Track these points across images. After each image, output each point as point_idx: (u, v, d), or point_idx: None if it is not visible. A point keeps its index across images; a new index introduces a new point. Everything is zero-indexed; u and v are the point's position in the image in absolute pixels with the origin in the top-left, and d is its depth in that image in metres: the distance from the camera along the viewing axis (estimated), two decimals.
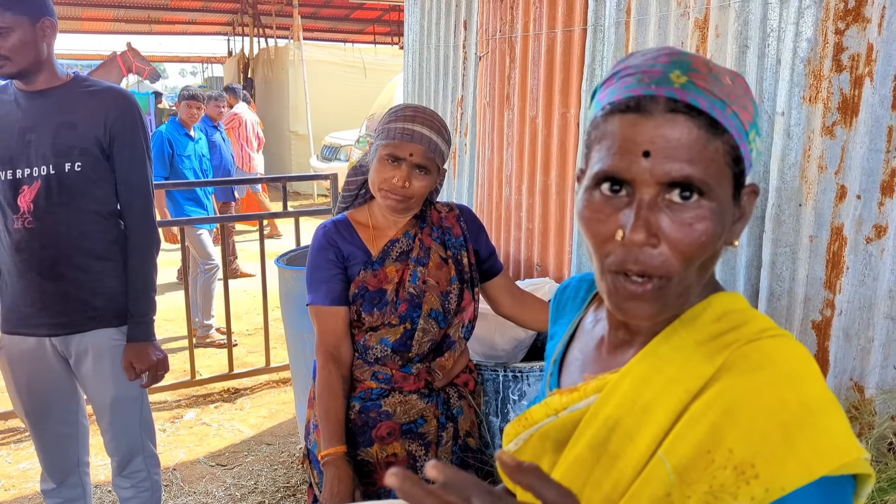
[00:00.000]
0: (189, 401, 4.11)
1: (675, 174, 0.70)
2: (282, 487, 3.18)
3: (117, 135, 2.08)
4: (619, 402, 0.77)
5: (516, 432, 0.88)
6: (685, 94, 0.71)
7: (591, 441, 0.78)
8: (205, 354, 4.74)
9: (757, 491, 0.66)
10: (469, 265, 1.89)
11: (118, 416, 2.24)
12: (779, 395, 0.69)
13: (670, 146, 0.70)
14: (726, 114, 0.72)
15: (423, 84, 4.07)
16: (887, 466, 1.66)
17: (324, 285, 1.79)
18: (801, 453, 0.66)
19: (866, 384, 1.89)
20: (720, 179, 0.72)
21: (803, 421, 0.67)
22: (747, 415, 0.69)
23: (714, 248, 0.73)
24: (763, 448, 0.67)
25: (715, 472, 0.68)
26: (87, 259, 2.10)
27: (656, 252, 0.71)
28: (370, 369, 1.81)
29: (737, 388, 0.70)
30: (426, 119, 1.76)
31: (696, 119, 0.71)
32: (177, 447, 3.55)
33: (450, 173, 3.83)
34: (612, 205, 0.73)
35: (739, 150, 0.73)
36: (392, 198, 1.74)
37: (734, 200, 0.75)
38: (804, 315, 1.99)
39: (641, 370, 0.77)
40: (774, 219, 2.01)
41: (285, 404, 4.06)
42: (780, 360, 0.72)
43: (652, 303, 0.73)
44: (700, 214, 0.71)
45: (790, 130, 1.96)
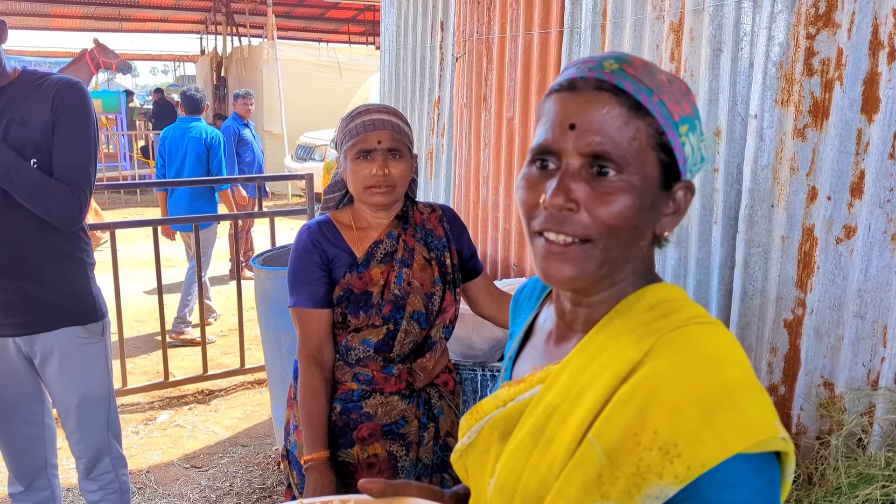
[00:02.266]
0: (162, 402, 4.06)
1: (596, 147, 0.76)
2: (257, 489, 3.16)
3: (59, 121, 2.00)
4: (558, 390, 0.81)
5: (469, 425, 0.92)
6: (613, 77, 0.78)
7: (531, 429, 0.81)
8: (178, 356, 4.69)
9: (680, 469, 0.69)
10: (452, 266, 1.89)
11: (85, 416, 2.19)
12: (699, 377, 0.73)
13: (593, 119, 0.77)
14: (652, 100, 0.77)
15: (399, 85, 4.07)
16: (857, 462, 1.70)
17: (307, 287, 1.78)
18: (718, 431, 0.69)
19: (836, 382, 1.93)
20: (642, 158, 0.77)
21: (722, 401, 0.71)
22: (670, 396, 0.72)
23: (633, 221, 0.77)
24: (684, 427, 0.70)
25: (641, 453, 0.71)
26: (50, 256, 2.05)
27: (576, 217, 0.77)
28: (351, 371, 1.81)
29: (660, 371, 0.74)
30: (381, 108, 1.79)
31: (619, 98, 0.77)
32: (150, 449, 3.50)
33: (426, 174, 3.83)
34: (542, 176, 0.80)
35: (666, 136, 0.78)
36: (378, 192, 1.74)
37: (663, 188, 0.80)
38: (776, 314, 2.03)
39: (580, 360, 0.81)
40: (747, 219, 2.04)
41: (260, 405, 4.03)
42: (703, 345, 0.76)
43: (573, 264, 0.78)
44: (618, 187, 0.76)
45: (763, 133, 1.99)
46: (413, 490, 0.96)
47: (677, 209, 0.82)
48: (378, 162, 1.72)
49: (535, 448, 0.80)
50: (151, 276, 4.17)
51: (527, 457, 0.81)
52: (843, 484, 1.61)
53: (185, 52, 22.62)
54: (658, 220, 0.81)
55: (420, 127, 3.88)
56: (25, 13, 15.63)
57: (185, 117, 5.50)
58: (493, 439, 0.89)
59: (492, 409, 0.89)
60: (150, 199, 11.62)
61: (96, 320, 2.18)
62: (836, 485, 1.64)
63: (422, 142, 3.84)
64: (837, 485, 1.63)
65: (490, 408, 0.89)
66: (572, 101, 0.78)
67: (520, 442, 0.82)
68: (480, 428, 0.90)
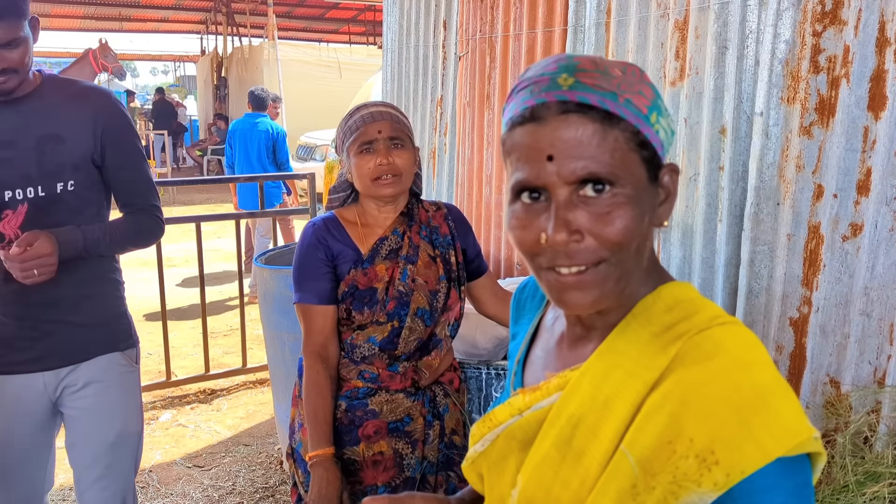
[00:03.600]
0: (165, 402, 4.06)
1: (581, 171, 0.73)
2: (260, 488, 3.15)
3: (109, 142, 1.84)
4: (581, 399, 0.79)
5: (482, 433, 0.89)
6: (574, 94, 0.74)
7: (556, 440, 0.79)
8: (180, 355, 4.69)
9: (719, 476, 0.68)
10: (457, 264, 1.89)
11: (117, 457, 1.95)
12: (732, 382, 0.71)
13: (570, 146, 0.73)
14: (619, 103, 0.74)
15: (402, 84, 4.07)
16: (864, 460, 1.69)
17: (312, 284, 1.78)
18: (757, 436, 0.68)
19: (842, 380, 1.92)
20: (628, 165, 0.75)
21: (757, 405, 0.70)
22: (703, 403, 0.71)
23: (639, 230, 0.76)
24: (721, 434, 0.69)
25: (677, 461, 0.70)
26: (84, 282, 1.87)
27: (583, 246, 0.74)
28: (356, 368, 1.81)
29: (691, 377, 0.73)
30: (378, 103, 1.81)
31: (588, 115, 0.74)
32: (153, 449, 3.50)
33: (429, 173, 3.83)
34: (533, 211, 0.76)
35: (642, 134, 0.76)
36: (385, 183, 1.74)
37: (651, 182, 0.78)
38: (782, 312, 2.02)
39: (600, 366, 0.79)
40: (753, 217, 2.04)
41: (262, 405, 4.02)
42: (730, 348, 0.75)
43: (591, 289, 0.76)
44: (615, 202, 0.74)
45: (768, 130, 1.99)
46: (418, 502, 0.95)
47: (668, 194, 0.80)
48: (381, 151, 1.72)
49: (563, 462, 0.78)
50: (153, 276, 4.17)
51: (555, 471, 0.79)
52: (851, 482, 1.60)
53: (186, 53, 22.63)
54: (653, 213, 0.79)
55: (423, 126, 3.88)
56: None
57: (252, 113, 6.16)
58: (511, 448, 0.87)
59: (507, 417, 0.86)
60: None
61: (132, 346, 2.00)
62: (843, 483, 1.64)
63: (424, 141, 3.84)
64: (845, 483, 1.62)
65: (505, 416, 0.87)
66: (541, 132, 0.74)
67: (545, 454, 0.80)
68: (495, 436, 0.88)
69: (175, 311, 5.42)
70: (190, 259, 6.83)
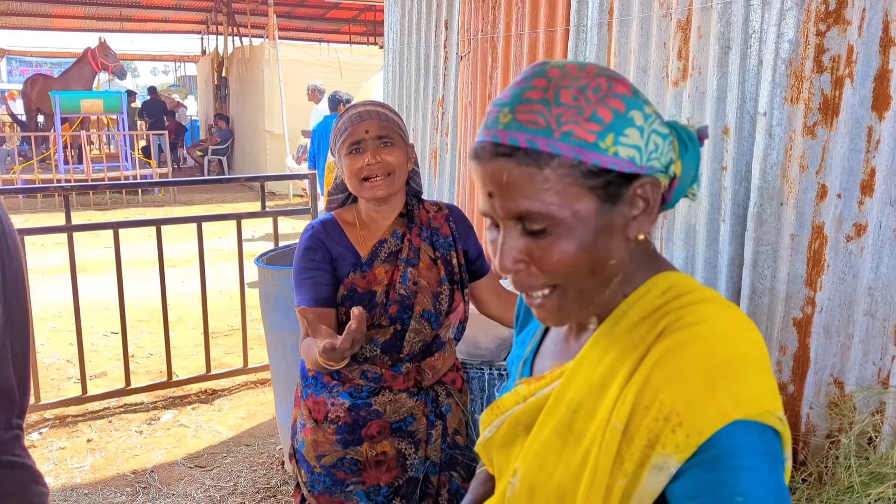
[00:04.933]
0: (166, 402, 4.05)
1: (512, 211, 0.76)
2: (262, 489, 3.15)
3: None
4: (578, 385, 0.81)
5: (490, 420, 0.94)
6: (505, 135, 0.75)
7: (556, 426, 0.82)
8: (181, 355, 4.68)
9: (680, 438, 0.70)
10: (458, 266, 1.88)
11: None
12: (707, 347, 0.73)
13: (502, 186, 0.76)
14: (553, 139, 0.73)
15: (403, 83, 4.06)
16: (868, 461, 1.69)
17: (312, 287, 1.77)
18: (718, 398, 0.70)
19: (846, 380, 1.92)
20: (567, 199, 0.75)
21: (726, 371, 0.71)
22: (675, 365, 0.73)
23: (583, 257, 0.77)
24: (687, 395, 0.71)
25: (650, 423, 0.72)
26: None
27: (528, 274, 0.79)
28: (359, 368, 1.80)
29: (670, 343, 0.75)
30: (366, 102, 1.80)
31: (516, 157, 0.75)
32: (154, 449, 3.49)
33: (431, 173, 3.83)
34: (496, 234, 0.82)
35: (585, 164, 0.74)
36: (375, 183, 1.73)
37: (610, 203, 0.76)
38: (785, 312, 2.02)
39: (595, 353, 0.82)
40: (756, 217, 2.03)
41: (264, 405, 4.02)
42: (714, 319, 0.76)
43: (552, 310, 0.81)
44: (551, 241, 0.76)
45: (772, 130, 1.98)
46: None
47: (646, 205, 0.79)
48: (369, 151, 1.72)
49: (565, 446, 0.81)
50: (153, 275, 4.16)
51: (558, 455, 0.81)
52: (856, 483, 1.60)
53: (187, 53, 22.62)
54: (626, 227, 0.78)
55: (424, 126, 3.87)
56: (26, 13, 15.62)
57: (332, 115, 6.80)
58: (516, 433, 0.90)
59: (512, 404, 0.90)
60: (151, 199, 11.63)
61: None
62: (847, 484, 1.63)
63: (426, 141, 3.83)
64: (849, 484, 1.62)
65: (511, 403, 0.90)
66: (481, 171, 0.78)
67: (546, 441, 0.83)
68: (501, 423, 0.91)
69: (176, 311, 5.42)
70: (191, 259, 6.83)
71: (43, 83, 14.46)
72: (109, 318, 5.33)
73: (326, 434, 1.80)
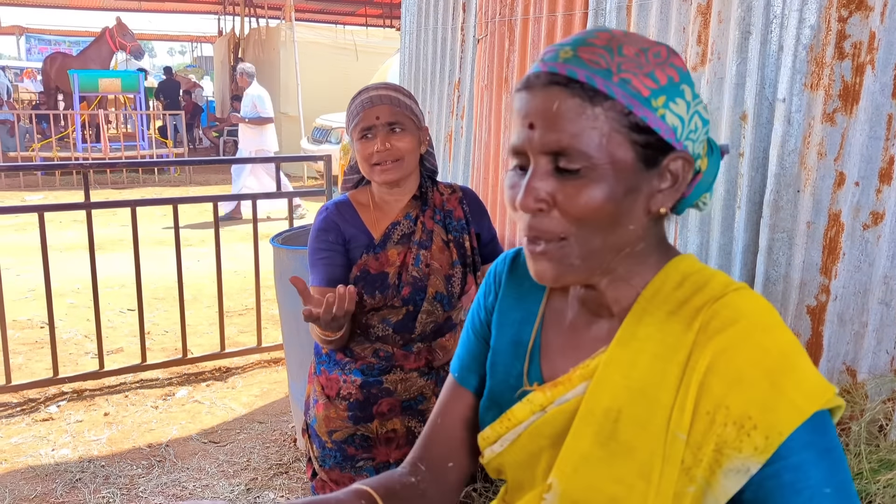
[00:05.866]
0: (181, 379, 4.10)
1: (553, 144, 0.75)
2: (274, 465, 3.19)
3: None
4: (614, 391, 0.78)
5: (499, 434, 0.88)
6: (564, 68, 0.75)
7: (597, 437, 0.78)
8: (196, 333, 4.73)
9: (758, 440, 0.70)
10: (471, 248, 1.89)
11: None
12: (759, 346, 0.73)
13: (548, 117, 0.75)
14: (610, 81, 0.74)
15: (419, 66, 4.06)
16: (878, 448, 1.69)
17: (325, 267, 1.79)
18: (790, 397, 0.70)
19: (859, 368, 1.92)
20: (607, 146, 0.74)
21: (785, 366, 0.72)
22: (734, 369, 0.72)
23: (607, 211, 0.75)
24: (755, 398, 0.71)
25: (718, 430, 0.72)
26: None
27: (547, 218, 0.76)
28: (371, 346, 1.82)
29: (718, 346, 0.74)
30: (379, 86, 1.80)
31: (572, 89, 0.74)
32: (169, 424, 3.55)
33: (445, 156, 3.83)
34: (517, 178, 0.79)
35: (635, 115, 0.74)
36: (384, 169, 1.74)
37: (645, 166, 0.76)
38: (799, 300, 2.01)
39: (625, 355, 0.79)
40: (772, 205, 2.03)
41: (277, 384, 4.06)
42: (749, 312, 0.76)
43: (552, 263, 0.78)
44: (582, 184, 0.75)
45: (791, 117, 1.97)
46: None
47: (675, 181, 0.78)
48: (379, 137, 1.72)
49: (613, 458, 0.77)
50: (170, 254, 4.20)
51: (605, 468, 0.78)
52: (865, 469, 1.60)
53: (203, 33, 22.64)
54: (651, 197, 0.78)
55: (440, 109, 3.87)
56: None
57: None
58: (540, 446, 0.85)
59: (528, 415, 0.85)
60: (167, 179, 11.69)
61: None
62: (857, 470, 1.64)
63: (441, 124, 3.83)
64: (858, 470, 1.63)
65: (525, 414, 0.85)
66: (529, 100, 0.77)
67: (587, 453, 0.79)
68: (517, 436, 0.86)
69: (191, 289, 5.47)
70: (206, 239, 6.87)
71: (62, 61, 14.54)
72: (126, 296, 5.39)
73: (338, 410, 1.82)
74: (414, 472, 0.97)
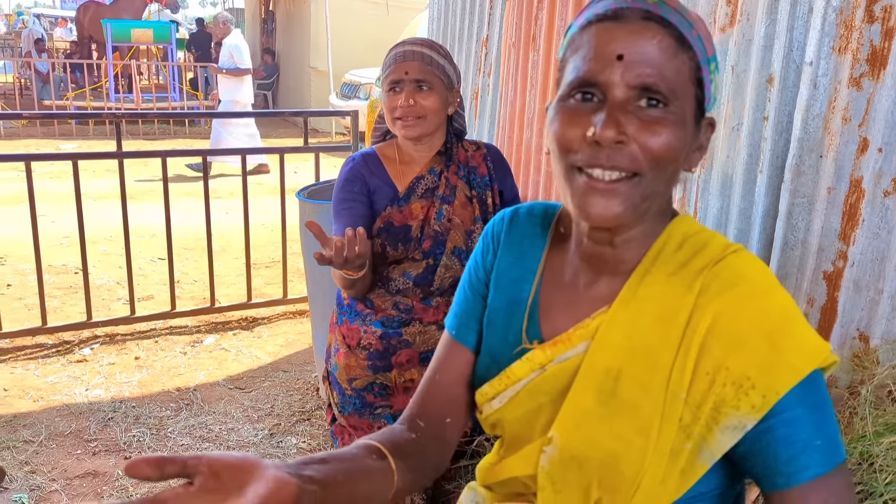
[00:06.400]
0: (208, 327, 4.23)
1: (646, 78, 0.74)
2: (297, 412, 3.30)
3: None
4: (615, 351, 0.80)
5: (497, 390, 0.89)
6: (657, 9, 0.76)
7: (598, 394, 0.80)
8: (224, 283, 4.85)
9: (756, 399, 0.73)
10: (493, 205, 1.92)
11: None
12: (759, 308, 0.75)
13: (642, 51, 0.75)
14: (692, 34, 0.77)
15: (448, 22, 4.03)
16: (885, 412, 1.71)
17: (349, 217, 1.84)
18: (787, 358, 0.73)
19: (872, 335, 1.93)
20: (685, 93, 0.77)
21: (784, 328, 0.74)
22: (734, 331, 0.75)
23: (679, 154, 0.78)
24: (755, 360, 0.73)
25: (717, 390, 0.74)
26: None
27: (626, 149, 0.76)
28: (392, 299, 1.88)
29: (718, 308, 0.76)
30: (416, 41, 1.81)
31: (667, 29, 0.75)
32: (197, 370, 3.67)
33: (471, 113, 3.83)
34: (584, 109, 0.77)
35: (701, 71, 0.78)
36: (405, 124, 1.77)
37: (696, 123, 0.80)
38: (816, 265, 2.02)
39: (627, 315, 0.81)
40: (794, 169, 2.02)
41: (301, 335, 4.17)
42: (748, 275, 0.78)
43: (620, 200, 0.76)
44: (667, 119, 0.76)
45: (817, 81, 1.95)
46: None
47: (701, 146, 0.82)
48: (405, 93, 1.75)
49: (613, 415, 0.79)
50: (199, 206, 4.28)
51: (607, 425, 0.79)
52: (869, 432, 1.63)
53: None
54: (689, 155, 0.81)
55: (467, 66, 3.86)
56: None
57: None
58: (539, 403, 0.86)
59: (527, 372, 0.86)
60: (197, 131, 11.79)
61: None
62: (861, 433, 1.67)
63: (468, 81, 3.83)
64: (863, 433, 1.65)
65: (525, 372, 0.87)
66: (618, 32, 0.75)
67: (587, 410, 0.81)
68: (515, 392, 0.88)
69: (220, 241, 5.58)
70: (235, 191, 6.97)
71: (95, 10, 14.60)
72: (157, 245, 5.52)
73: (358, 359, 1.89)
74: (413, 428, 0.97)
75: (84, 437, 3.01)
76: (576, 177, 0.78)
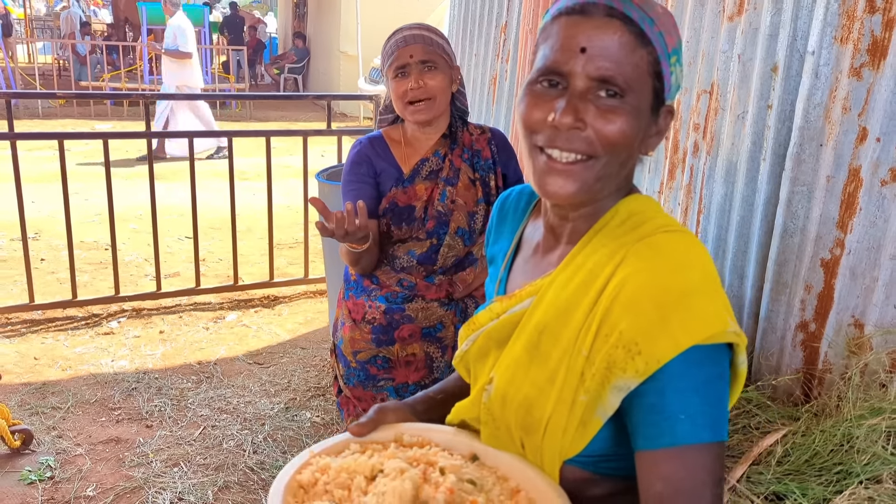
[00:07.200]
0: (231, 304, 4.35)
1: (605, 71, 0.82)
2: (312, 387, 3.41)
3: None
4: (545, 308, 0.89)
5: (466, 335, 1.00)
6: (621, 5, 0.83)
7: (525, 345, 0.90)
8: (248, 262, 4.97)
9: (640, 365, 0.79)
10: (496, 188, 1.98)
11: None
12: (661, 282, 0.80)
13: (603, 45, 0.82)
14: (653, 30, 0.83)
15: (468, 8, 4.08)
16: (871, 396, 1.75)
17: (355, 198, 1.91)
18: (671, 330, 0.78)
19: (866, 322, 1.96)
20: (641, 85, 0.84)
21: (678, 304, 0.79)
22: (634, 298, 0.81)
23: (632, 141, 0.85)
24: (644, 328, 0.79)
25: (610, 350, 0.81)
26: None
27: (582, 134, 0.83)
28: (396, 276, 1.95)
29: (627, 277, 0.82)
30: (412, 26, 1.87)
31: (628, 26, 0.82)
32: (218, 344, 3.80)
33: (489, 99, 3.88)
34: (548, 95, 0.85)
35: (661, 65, 0.84)
36: (418, 108, 1.83)
37: (652, 112, 0.87)
38: (814, 253, 2.05)
39: (562, 278, 0.89)
40: (794, 158, 2.05)
41: (320, 314, 4.27)
42: (666, 251, 0.83)
43: (575, 180, 0.85)
44: (621, 110, 0.82)
45: (818, 70, 1.98)
46: (390, 416, 1.01)
47: (659, 131, 0.89)
48: (413, 75, 1.81)
49: (531, 363, 0.88)
50: (225, 186, 4.40)
51: (525, 371, 0.89)
52: (852, 415, 1.67)
53: None
54: (645, 140, 0.88)
55: (486, 52, 3.90)
56: None
57: None
58: (489, 347, 0.98)
59: (487, 320, 0.97)
60: (227, 113, 11.96)
61: None
62: (846, 416, 1.71)
63: (486, 67, 3.87)
64: (848, 416, 1.70)
65: (485, 319, 0.97)
66: (583, 26, 0.82)
67: (517, 357, 0.90)
68: (477, 337, 0.99)
69: (245, 221, 5.71)
70: (261, 173, 7.10)
71: None
72: (184, 224, 5.66)
73: (363, 333, 1.97)
74: None
75: (109, 405, 3.15)
76: (537, 156, 0.87)
